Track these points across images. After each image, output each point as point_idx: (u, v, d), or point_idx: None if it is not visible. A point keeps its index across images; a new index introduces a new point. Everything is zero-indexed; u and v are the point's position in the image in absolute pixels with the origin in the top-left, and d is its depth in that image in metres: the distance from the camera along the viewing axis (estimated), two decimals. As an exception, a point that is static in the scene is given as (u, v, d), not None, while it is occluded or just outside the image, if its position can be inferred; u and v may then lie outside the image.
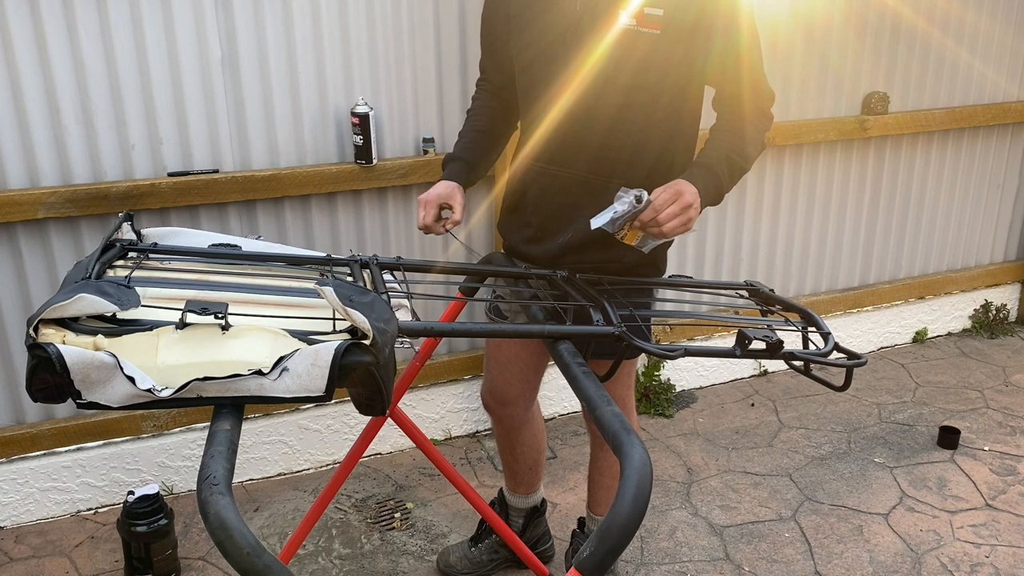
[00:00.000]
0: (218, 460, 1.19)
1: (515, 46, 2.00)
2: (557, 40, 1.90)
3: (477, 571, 2.57)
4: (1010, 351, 4.07)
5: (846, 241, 3.83)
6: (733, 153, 1.86)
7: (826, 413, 3.51)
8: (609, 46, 1.84)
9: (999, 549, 2.71)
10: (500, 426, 2.43)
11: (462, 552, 2.58)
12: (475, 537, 2.61)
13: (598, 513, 2.44)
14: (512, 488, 2.53)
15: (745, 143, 1.88)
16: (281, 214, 2.79)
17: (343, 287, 1.47)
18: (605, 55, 1.84)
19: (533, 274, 1.98)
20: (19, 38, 2.37)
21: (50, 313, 1.30)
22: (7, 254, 2.55)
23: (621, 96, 1.87)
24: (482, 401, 2.41)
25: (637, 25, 1.81)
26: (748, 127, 1.89)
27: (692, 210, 1.73)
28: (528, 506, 2.55)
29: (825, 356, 1.70)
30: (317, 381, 1.30)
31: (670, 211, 1.71)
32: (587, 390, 1.46)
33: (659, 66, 1.85)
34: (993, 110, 3.89)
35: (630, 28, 1.81)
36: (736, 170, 1.88)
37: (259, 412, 2.95)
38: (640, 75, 1.85)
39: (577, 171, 1.94)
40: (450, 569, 2.57)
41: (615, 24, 1.82)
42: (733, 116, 1.92)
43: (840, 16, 3.43)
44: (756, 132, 1.91)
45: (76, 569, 2.59)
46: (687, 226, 1.74)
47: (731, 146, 1.87)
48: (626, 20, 1.81)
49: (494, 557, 2.58)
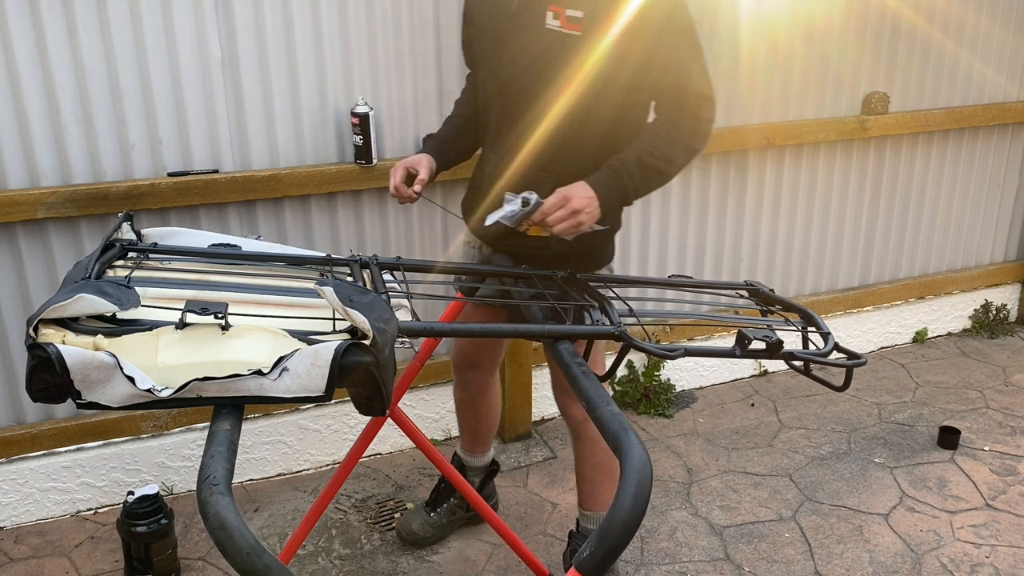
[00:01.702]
0: (218, 460, 1.19)
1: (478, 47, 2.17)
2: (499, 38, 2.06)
3: (439, 534, 2.71)
4: (1010, 351, 4.07)
5: (846, 241, 3.83)
6: (649, 155, 1.92)
7: (826, 413, 3.51)
8: (537, 47, 1.97)
9: (999, 549, 2.71)
10: (467, 391, 2.59)
11: (422, 519, 2.70)
12: (431, 502, 2.73)
13: (588, 508, 2.45)
14: (470, 448, 2.70)
15: (668, 145, 1.94)
16: (281, 214, 2.79)
17: (343, 287, 1.47)
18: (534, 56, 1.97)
19: (533, 274, 1.98)
20: (19, 38, 2.37)
21: (50, 313, 1.30)
22: (7, 254, 2.55)
23: (551, 94, 1.98)
24: (452, 364, 2.58)
25: (560, 27, 1.91)
26: (674, 130, 1.95)
27: (583, 214, 1.86)
28: (484, 464, 2.73)
29: (825, 356, 1.70)
30: (317, 381, 1.30)
31: (557, 215, 1.86)
32: (587, 390, 1.46)
33: (582, 66, 1.93)
34: (993, 110, 3.89)
35: (554, 29, 1.92)
36: (651, 171, 1.94)
37: (259, 412, 2.95)
38: (564, 75, 1.95)
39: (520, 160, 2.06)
40: (413, 536, 2.69)
41: (543, 25, 1.94)
42: (661, 118, 1.98)
43: (840, 16, 3.43)
44: (684, 135, 1.96)
45: (76, 569, 2.59)
46: (577, 228, 1.88)
47: (650, 148, 1.93)
48: (551, 22, 1.93)
49: (452, 518, 2.72)
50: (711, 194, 3.45)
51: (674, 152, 1.95)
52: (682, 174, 3.32)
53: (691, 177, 3.38)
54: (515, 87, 2.03)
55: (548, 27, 1.92)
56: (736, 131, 3.36)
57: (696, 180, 3.40)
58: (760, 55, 3.33)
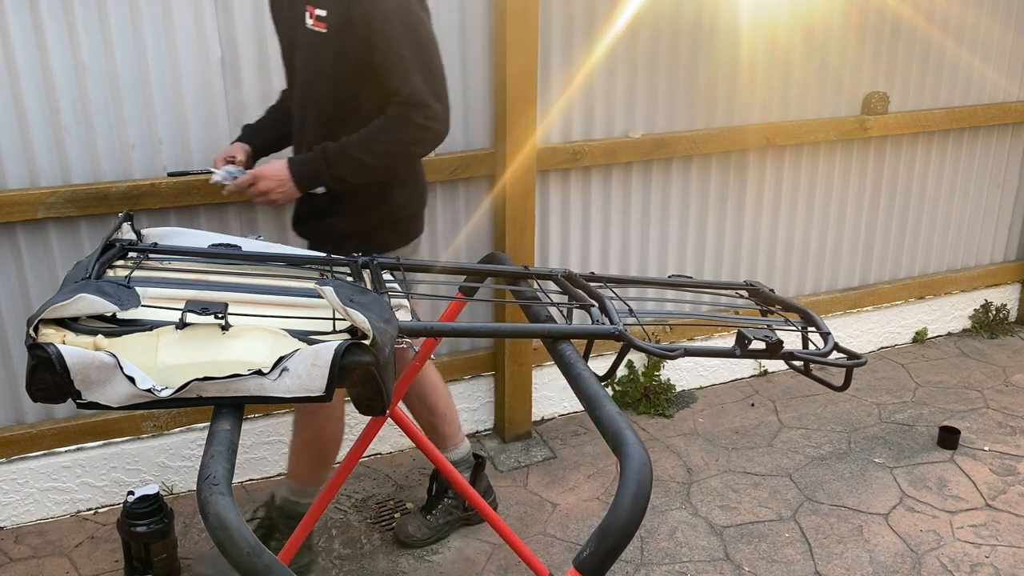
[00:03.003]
0: (218, 460, 1.19)
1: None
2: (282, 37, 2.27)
3: (437, 535, 2.71)
4: (1010, 351, 4.07)
5: (846, 241, 3.83)
6: (353, 147, 2.11)
7: (826, 413, 3.51)
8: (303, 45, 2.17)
9: (999, 549, 2.71)
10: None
11: (419, 521, 2.71)
12: (428, 505, 2.74)
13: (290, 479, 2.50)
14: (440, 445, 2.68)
15: (374, 141, 2.11)
16: (281, 214, 2.79)
17: (343, 287, 1.47)
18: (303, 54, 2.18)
19: (533, 274, 1.98)
20: (19, 38, 2.37)
21: (50, 313, 1.30)
22: (7, 254, 2.55)
23: (309, 89, 2.19)
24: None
25: (313, 25, 2.09)
26: (385, 128, 2.11)
27: (273, 194, 2.17)
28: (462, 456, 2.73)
29: (825, 356, 1.70)
30: (317, 381, 1.30)
31: (248, 192, 2.18)
32: (587, 390, 1.46)
33: (330, 63, 2.11)
34: (993, 110, 3.89)
35: (310, 28, 2.10)
36: (353, 161, 2.12)
37: (259, 412, 2.95)
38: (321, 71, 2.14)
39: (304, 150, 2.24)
40: (410, 539, 2.69)
41: (304, 24, 2.12)
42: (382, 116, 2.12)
43: (840, 16, 3.44)
44: (393, 134, 2.11)
45: (76, 569, 2.59)
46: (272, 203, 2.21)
47: (357, 140, 2.12)
48: (308, 21, 2.10)
49: (449, 519, 2.73)
50: (711, 194, 3.45)
51: (379, 148, 2.11)
52: (682, 174, 3.36)
53: (691, 177, 3.38)
54: (297, 83, 2.24)
55: (307, 26, 2.11)
56: (736, 131, 3.36)
57: (696, 180, 3.40)
58: (760, 55, 3.33)
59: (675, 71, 3.22)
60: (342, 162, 2.13)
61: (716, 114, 3.35)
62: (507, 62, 2.81)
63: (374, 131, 2.11)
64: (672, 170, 3.34)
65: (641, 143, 3.20)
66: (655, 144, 3.23)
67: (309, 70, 2.18)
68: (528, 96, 2.87)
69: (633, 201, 3.31)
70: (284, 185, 2.16)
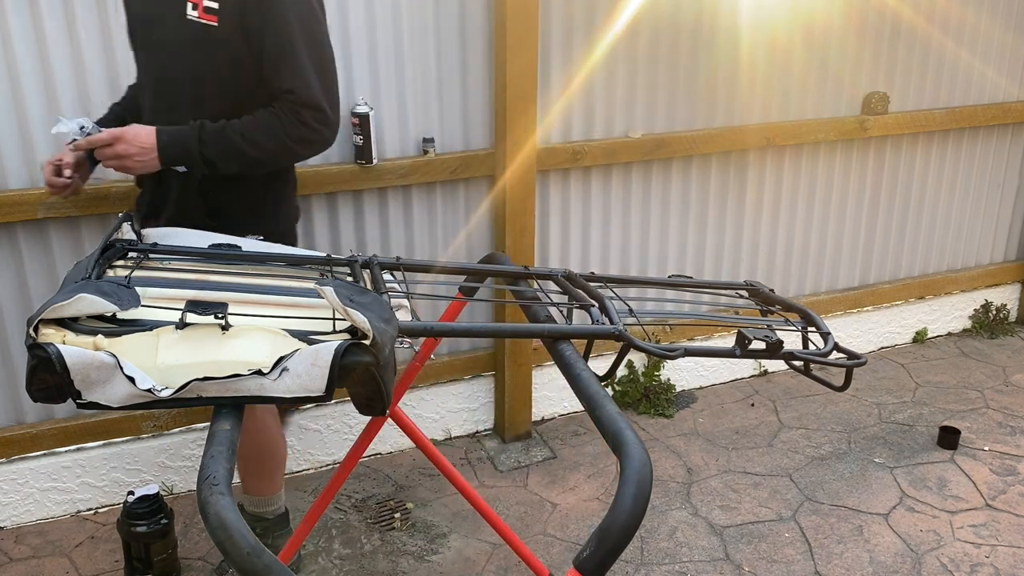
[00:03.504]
0: (218, 460, 1.19)
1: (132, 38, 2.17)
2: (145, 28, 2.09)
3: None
4: (1010, 351, 4.07)
5: (846, 241, 3.83)
6: (236, 132, 1.98)
7: (826, 413, 3.51)
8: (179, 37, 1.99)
9: (999, 549, 2.71)
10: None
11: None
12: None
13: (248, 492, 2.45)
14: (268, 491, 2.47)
15: (256, 129, 1.98)
16: (281, 214, 2.79)
17: (343, 287, 1.47)
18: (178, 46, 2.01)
19: (533, 274, 1.98)
20: (19, 38, 2.37)
21: (50, 313, 1.30)
22: (7, 254, 2.54)
23: (186, 87, 2.03)
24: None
25: (199, 17, 1.96)
26: (276, 122, 1.99)
27: (129, 160, 1.97)
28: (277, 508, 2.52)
29: (825, 356, 1.71)
30: (317, 381, 1.30)
31: (102, 152, 1.98)
32: (587, 390, 1.46)
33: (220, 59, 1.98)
34: (993, 110, 3.89)
35: (194, 20, 1.96)
36: (231, 145, 1.97)
37: (259, 412, 2.95)
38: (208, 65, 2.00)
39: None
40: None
41: (184, 15, 1.97)
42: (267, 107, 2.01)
43: (840, 16, 3.43)
44: (279, 127, 1.99)
45: (76, 569, 2.59)
46: (127, 170, 2.00)
47: (241, 126, 1.98)
48: (191, 12, 1.96)
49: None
50: (711, 194, 3.45)
51: (266, 140, 1.99)
52: (682, 173, 3.35)
53: (691, 177, 3.38)
54: (166, 77, 2.07)
55: (188, 17, 1.96)
56: (736, 131, 3.36)
57: (696, 180, 3.40)
58: (760, 55, 3.33)
59: (675, 71, 3.22)
60: (218, 144, 1.97)
61: (716, 114, 3.35)
62: (507, 62, 2.81)
63: (260, 120, 1.99)
64: (672, 170, 3.34)
65: (641, 143, 3.20)
66: (655, 144, 3.23)
67: (187, 66, 2.01)
68: (528, 96, 2.87)
69: (633, 201, 3.31)
70: (147, 155, 1.97)
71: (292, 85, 1.97)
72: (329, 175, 2.77)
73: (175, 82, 2.04)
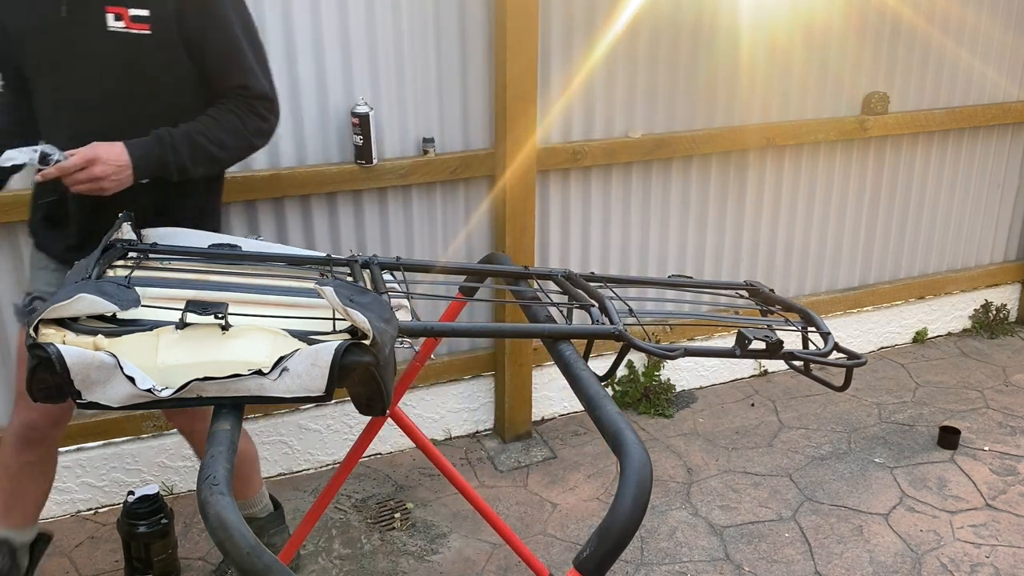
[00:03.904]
0: (218, 460, 1.19)
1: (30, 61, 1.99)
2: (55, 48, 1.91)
3: None
4: (1010, 351, 4.07)
5: (846, 241, 3.83)
6: (199, 134, 1.92)
7: (826, 413, 3.51)
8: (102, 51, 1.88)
9: (999, 549, 2.71)
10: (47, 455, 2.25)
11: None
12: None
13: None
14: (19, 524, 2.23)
15: (219, 129, 1.94)
16: (281, 214, 2.79)
17: (343, 287, 1.47)
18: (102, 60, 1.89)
19: (533, 274, 1.98)
20: None
21: (50, 313, 1.30)
22: (7, 254, 2.54)
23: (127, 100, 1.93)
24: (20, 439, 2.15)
25: (126, 27, 1.86)
26: (229, 116, 1.95)
27: (106, 181, 1.84)
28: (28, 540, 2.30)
29: (825, 356, 1.71)
30: (317, 381, 1.30)
31: (76, 177, 1.82)
32: (587, 390, 1.46)
33: (157, 68, 1.91)
34: (993, 110, 3.89)
35: (119, 31, 1.87)
36: (199, 150, 1.93)
37: (259, 412, 2.95)
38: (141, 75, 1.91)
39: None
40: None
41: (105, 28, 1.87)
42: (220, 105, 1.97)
43: (840, 16, 3.43)
44: (239, 124, 1.96)
45: (76, 569, 2.59)
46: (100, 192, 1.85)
47: (202, 127, 1.93)
48: (114, 24, 1.87)
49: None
50: (711, 194, 3.45)
51: (230, 139, 1.96)
52: (682, 173, 3.35)
53: (691, 177, 3.38)
54: (92, 97, 1.93)
55: (112, 29, 1.86)
56: (736, 131, 3.36)
57: (696, 180, 3.40)
58: (760, 55, 3.33)
59: (675, 71, 3.22)
60: (189, 152, 1.91)
61: (716, 114, 3.35)
62: (507, 62, 2.81)
63: (220, 120, 1.94)
64: (672, 170, 3.34)
65: (641, 143, 3.20)
66: (655, 144, 3.23)
67: (118, 81, 1.90)
68: (528, 96, 2.88)
69: (633, 201, 3.31)
70: (123, 172, 1.85)
71: (244, 80, 1.95)
72: (329, 175, 2.77)
73: (108, 100, 1.92)
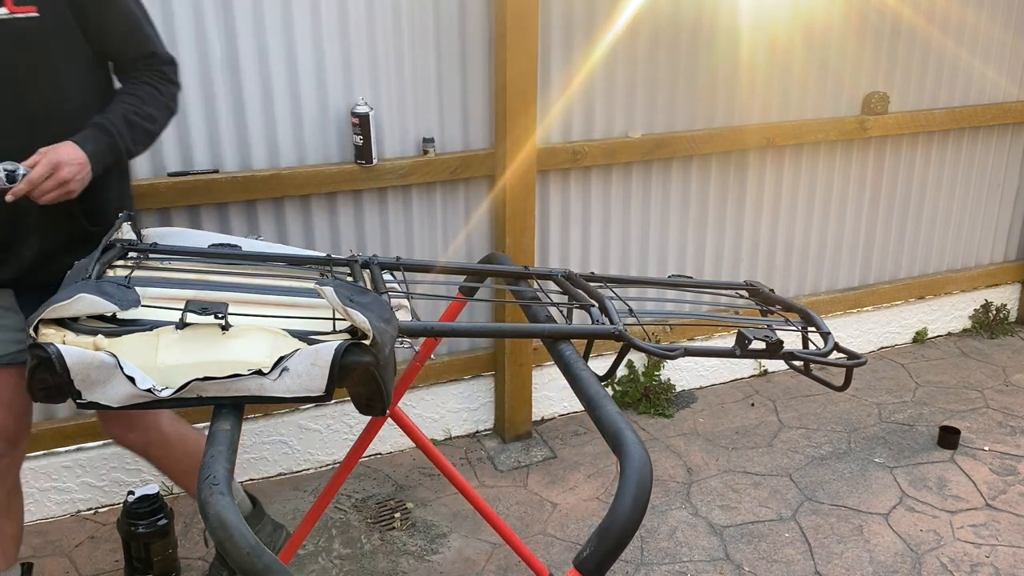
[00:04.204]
0: (218, 460, 1.19)
1: None
2: None
3: None
4: (1010, 351, 4.07)
5: (846, 241, 3.83)
6: (132, 113, 1.90)
7: (826, 413, 3.51)
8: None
9: (999, 549, 2.71)
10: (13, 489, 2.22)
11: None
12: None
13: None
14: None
15: (145, 104, 1.92)
16: (281, 214, 2.79)
17: (343, 287, 1.47)
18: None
19: (533, 274, 1.98)
20: None
21: (50, 313, 1.30)
22: None
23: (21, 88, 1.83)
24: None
25: (10, 13, 1.78)
26: (147, 88, 1.94)
27: (73, 183, 1.78)
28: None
29: (825, 356, 1.71)
30: (317, 381, 1.31)
31: (45, 186, 1.75)
32: (587, 390, 1.46)
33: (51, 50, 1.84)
34: (993, 110, 3.89)
35: (3, 18, 1.78)
36: (138, 129, 1.91)
37: (259, 412, 2.95)
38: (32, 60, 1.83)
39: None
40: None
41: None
42: (139, 80, 1.95)
43: (840, 16, 3.43)
44: (158, 94, 1.95)
45: (76, 569, 2.59)
46: (70, 195, 1.79)
47: (130, 107, 1.90)
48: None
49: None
50: (711, 194, 3.45)
51: (157, 112, 1.95)
52: (682, 174, 3.36)
53: (691, 177, 3.38)
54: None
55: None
56: (736, 131, 3.36)
57: (696, 180, 3.40)
58: (760, 55, 3.33)
59: (675, 71, 3.22)
60: (131, 134, 1.88)
61: (716, 114, 3.35)
62: (507, 62, 2.81)
63: (141, 93, 1.91)
64: (672, 170, 3.34)
65: (641, 143, 3.20)
66: (655, 144, 3.23)
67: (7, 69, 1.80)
68: (528, 96, 2.88)
69: (633, 201, 3.31)
70: (84, 169, 1.80)
71: (150, 48, 1.95)
72: (329, 175, 2.77)
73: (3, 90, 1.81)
